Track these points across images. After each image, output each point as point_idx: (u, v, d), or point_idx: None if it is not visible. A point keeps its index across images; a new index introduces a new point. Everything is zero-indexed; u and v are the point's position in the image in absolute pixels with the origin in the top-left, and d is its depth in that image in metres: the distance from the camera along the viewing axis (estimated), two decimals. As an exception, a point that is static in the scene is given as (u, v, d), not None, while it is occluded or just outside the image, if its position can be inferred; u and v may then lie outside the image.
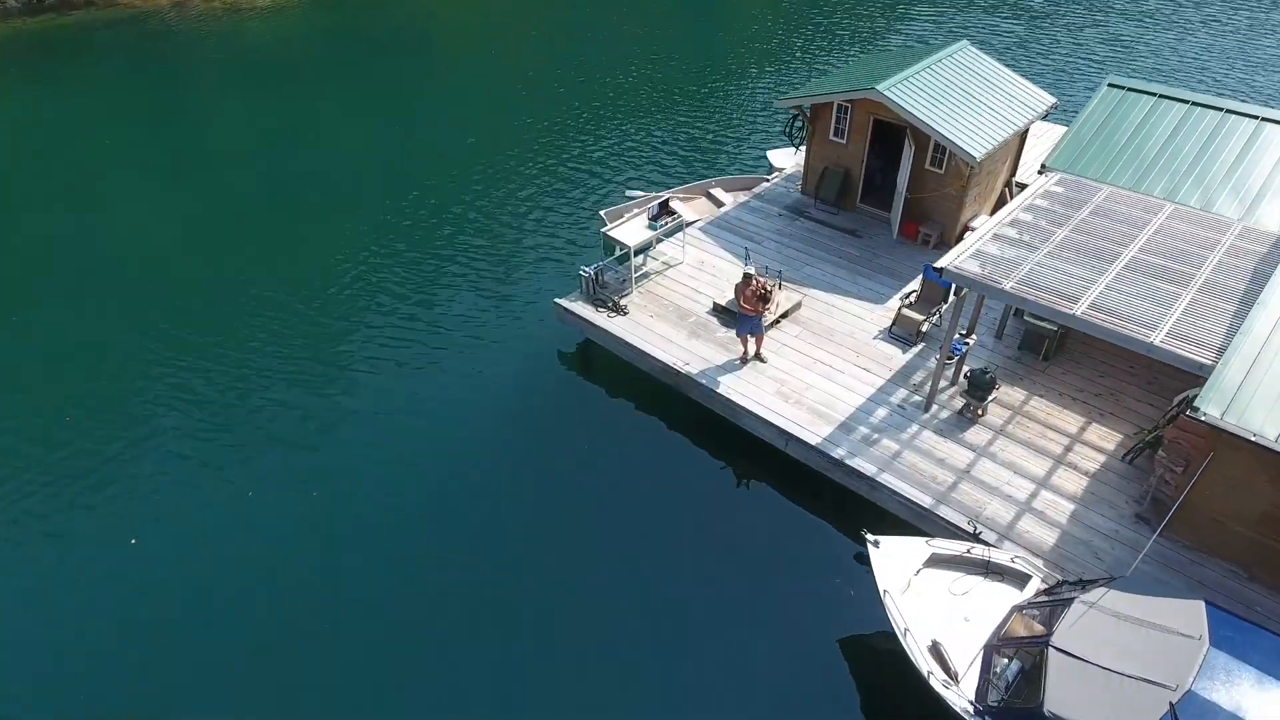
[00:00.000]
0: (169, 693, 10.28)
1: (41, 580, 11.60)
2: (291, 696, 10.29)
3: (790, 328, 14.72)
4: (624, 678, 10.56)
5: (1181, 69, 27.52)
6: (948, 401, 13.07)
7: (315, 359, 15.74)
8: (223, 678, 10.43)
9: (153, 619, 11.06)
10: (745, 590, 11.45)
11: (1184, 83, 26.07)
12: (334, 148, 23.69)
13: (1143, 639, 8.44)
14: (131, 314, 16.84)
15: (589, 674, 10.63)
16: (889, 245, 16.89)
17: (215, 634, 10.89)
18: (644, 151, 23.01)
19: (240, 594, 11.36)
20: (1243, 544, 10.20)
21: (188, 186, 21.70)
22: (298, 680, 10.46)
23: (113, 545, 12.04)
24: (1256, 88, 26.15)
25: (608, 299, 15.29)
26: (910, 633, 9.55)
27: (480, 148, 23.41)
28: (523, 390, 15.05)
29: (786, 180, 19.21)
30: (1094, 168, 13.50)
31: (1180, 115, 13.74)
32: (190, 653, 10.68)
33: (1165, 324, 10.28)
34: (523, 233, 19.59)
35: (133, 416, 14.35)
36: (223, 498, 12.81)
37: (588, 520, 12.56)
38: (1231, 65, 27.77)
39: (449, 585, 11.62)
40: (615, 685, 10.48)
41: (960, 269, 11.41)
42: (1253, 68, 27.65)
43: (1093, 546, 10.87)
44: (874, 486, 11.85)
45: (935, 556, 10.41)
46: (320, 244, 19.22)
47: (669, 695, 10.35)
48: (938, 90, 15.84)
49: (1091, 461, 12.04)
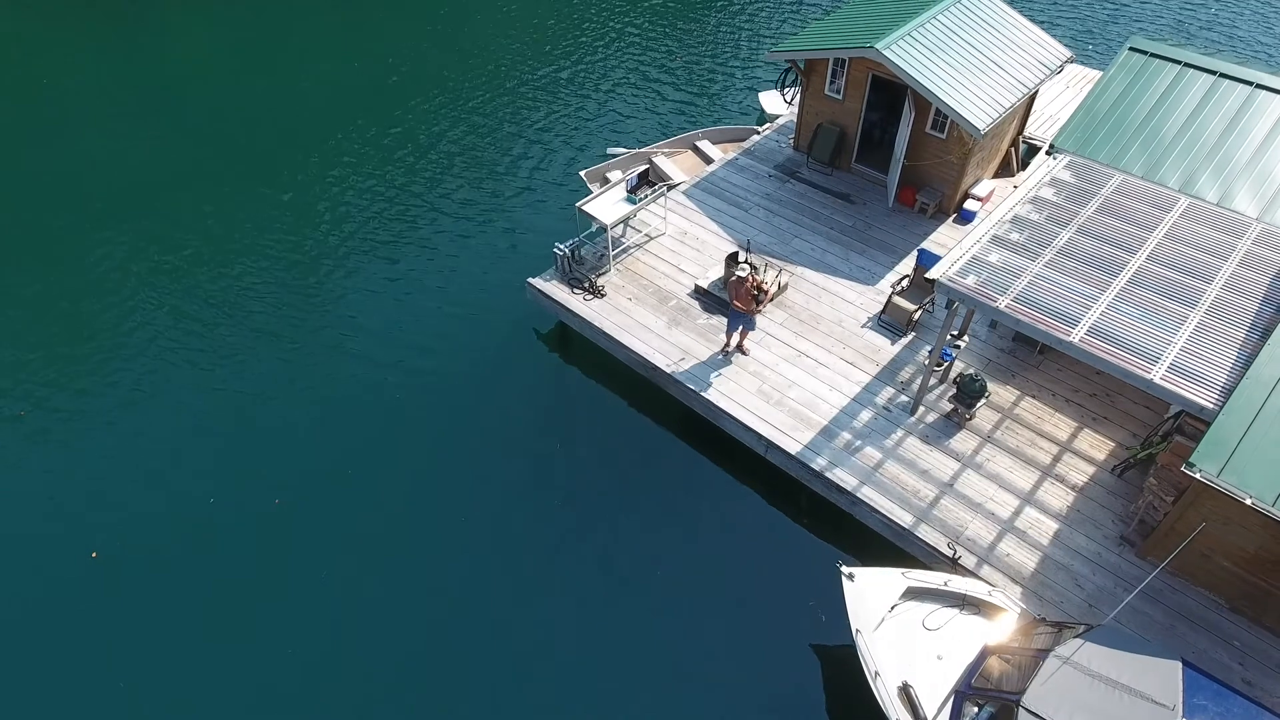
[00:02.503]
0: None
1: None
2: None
3: (775, 313, 14.01)
4: (574, 690, 10.51)
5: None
6: (935, 403, 12.55)
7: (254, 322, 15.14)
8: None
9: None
10: (713, 607, 11.26)
11: (1227, 30, 23.93)
12: (309, 77, 22.13)
13: (1116, 704, 8.25)
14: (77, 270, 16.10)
15: (536, 679, 10.55)
16: (884, 213, 15.92)
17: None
18: (624, 93, 21.51)
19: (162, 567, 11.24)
20: (1229, 579, 9.92)
21: (154, 113, 20.39)
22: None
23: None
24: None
25: (584, 278, 14.51)
26: (880, 676, 9.40)
27: (453, 85, 21.90)
28: (492, 374, 14.41)
29: (778, 133, 17.97)
30: (1106, 150, 12.45)
31: (1206, 89, 12.55)
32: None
33: (1168, 356, 9.63)
34: (498, 189, 18.51)
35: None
36: (178, 492, 12.51)
37: (552, 519, 12.24)
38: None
39: (395, 589, 11.42)
40: (565, 694, 10.46)
41: (953, 283, 10.64)
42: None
43: (1073, 572, 10.60)
44: (854, 501, 11.50)
45: (911, 590, 10.16)
46: (277, 189, 18.21)
47: (619, 708, 10.32)
48: (942, 47, 14.49)
49: (1080, 474, 11.63)
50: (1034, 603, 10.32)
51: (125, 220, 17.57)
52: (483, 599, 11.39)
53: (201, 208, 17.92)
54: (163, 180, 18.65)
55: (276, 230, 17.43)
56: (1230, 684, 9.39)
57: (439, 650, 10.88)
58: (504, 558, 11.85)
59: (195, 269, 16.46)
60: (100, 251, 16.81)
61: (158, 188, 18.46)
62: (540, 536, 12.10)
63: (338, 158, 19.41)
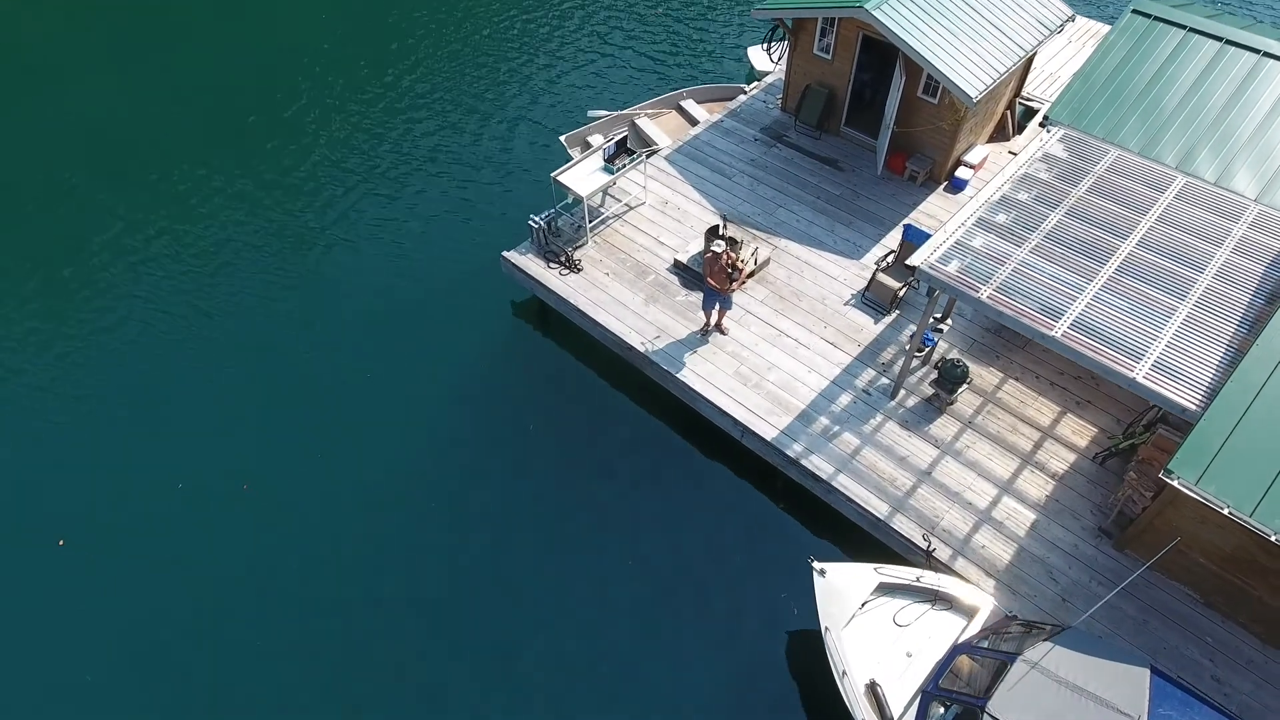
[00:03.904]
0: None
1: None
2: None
3: (757, 290, 13.61)
4: (533, 670, 10.47)
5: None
6: (917, 386, 12.26)
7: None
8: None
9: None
10: (683, 594, 11.12)
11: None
12: (286, 33, 21.26)
13: (1081, 712, 8.17)
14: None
15: (495, 659, 10.55)
16: (872, 181, 15.35)
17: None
18: (607, 50, 20.61)
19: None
20: (1204, 575, 9.78)
21: (138, 63, 19.65)
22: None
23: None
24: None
25: (561, 251, 14.05)
26: (848, 675, 9.33)
27: (424, 46, 21.00)
28: (467, 349, 14.10)
29: (765, 92, 17.25)
30: (1102, 123, 11.87)
31: (1210, 57, 11.90)
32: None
33: (1153, 352, 9.29)
34: (472, 154, 17.87)
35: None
36: (151, 487, 12.34)
37: (521, 499, 12.07)
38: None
39: (359, 565, 11.36)
40: (525, 674, 10.43)
41: (935, 270, 10.23)
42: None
43: (1049, 565, 10.47)
44: (829, 490, 11.30)
45: (883, 585, 10.04)
46: (244, 156, 17.61)
47: (578, 693, 10.31)
48: (935, 6, 13.73)
49: (1060, 462, 11.41)
50: (1008, 597, 10.20)
51: (98, 184, 17.03)
52: (442, 582, 11.29)
53: (171, 175, 17.35)
54: (138, 138, 18.03)
55: (245, 203, 16.89)
56: (1198, 685, 9.40)
57: (398, 623, 10.81)
58: (467, 536, 11.71)
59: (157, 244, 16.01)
60: (69, 212, 16.33)
61: (134, 145, 17.85)
62: (507, 515, 11.93)
63: (301, 122, 18.72)
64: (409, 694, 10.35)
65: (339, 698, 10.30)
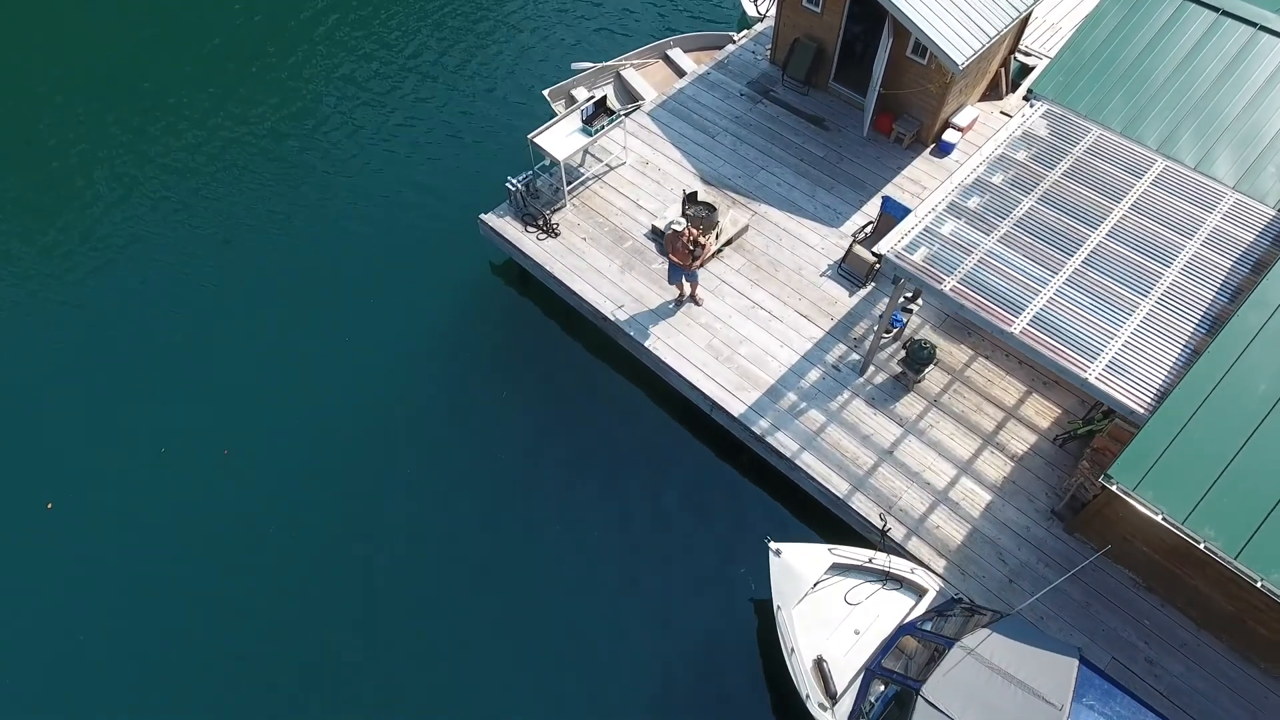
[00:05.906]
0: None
1: None
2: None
3: (734, 258, 13.57)
4: (493, 637, 10.96)
5: None
6: (886, 363, 12.37)
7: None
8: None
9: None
10: (644, 565, 11.52)
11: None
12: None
13: (1008, 700, 8.62)
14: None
15: (443, 623, 11.04)
16: (858, 142, 15.05)
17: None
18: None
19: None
20: (1147, 563, 10.11)
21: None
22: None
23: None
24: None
25: (539, 214, 13.97)
26: (796, 651, 9.81)
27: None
28: (444, 309, 14.18)
29: (754, 42, 16.71)
30: (1087, 99, 11.55)
31: (1205, 29, 11.46)
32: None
33: (1109, 350, 9.35)
34: (448, 110, 17.49)
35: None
36: (137, 464, 12.72)
37: (491, 465, 12.42)
38: None
39: (331, 528, 11.80)
40: (481, 643, 10.91)
41: (900, 259, 10.18)
42: None
43: (999, 547, 10.81)
44: (792, 467, 11.58)
45: (837, 565, 10.42)
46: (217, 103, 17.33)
47: (534, 660, 10.85)
48: (928, -37, 13.14)
49: (1021, 443, 11.62)
50: (957, 578, 10.59)
51: (84, 112, 16.85)
52: (411, 551, 11.74)
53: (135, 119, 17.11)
54: (113, 70, 17.72)
55: (217, 166, 16.70)
56: (1132, 667, 9.86)
57: (367, 587, 11.34)
58: (432, 505, 12.09)
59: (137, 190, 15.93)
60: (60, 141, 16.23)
61: (117, 71, 17.57)
62: (470, 483, 12.28)
63: (276, 78, 18.28)
64: (357, 655, 10.90)
65: (300, 642, 10.90)
